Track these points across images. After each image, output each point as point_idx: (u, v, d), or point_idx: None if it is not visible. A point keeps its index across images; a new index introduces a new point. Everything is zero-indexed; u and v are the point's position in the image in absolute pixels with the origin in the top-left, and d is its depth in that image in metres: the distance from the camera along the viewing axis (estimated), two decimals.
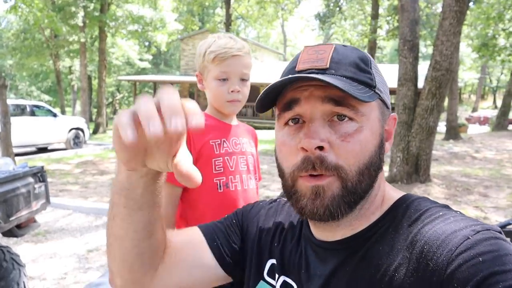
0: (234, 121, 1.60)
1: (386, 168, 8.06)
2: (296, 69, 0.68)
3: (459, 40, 7.19)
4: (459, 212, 0.65)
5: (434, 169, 8.46)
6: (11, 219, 2.56)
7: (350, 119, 0.64)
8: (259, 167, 1.69)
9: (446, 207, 0.67)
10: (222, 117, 1.56)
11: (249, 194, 1.52)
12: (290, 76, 0.64)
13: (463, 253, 0.55)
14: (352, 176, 0.64)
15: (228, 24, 16.70)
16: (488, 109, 37.10)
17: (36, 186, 2.86)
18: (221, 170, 1.47)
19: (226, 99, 1.48)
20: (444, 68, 6.71)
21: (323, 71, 0.65)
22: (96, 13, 20.00)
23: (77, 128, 13.91)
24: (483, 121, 24.17)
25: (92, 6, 19.71)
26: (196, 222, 1.50)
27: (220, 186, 1.47)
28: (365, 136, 0.65)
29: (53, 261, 4.23)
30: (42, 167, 3.00)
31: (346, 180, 0.64)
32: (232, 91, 1.46)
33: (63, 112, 23.74)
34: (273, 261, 0.81)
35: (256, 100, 0.68)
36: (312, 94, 0.65)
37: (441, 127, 16.53)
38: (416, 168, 7.23)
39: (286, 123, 0.69)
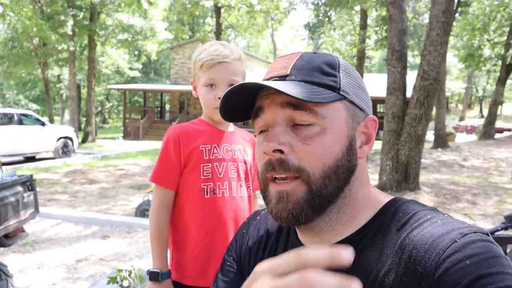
0: (230, 128, 1.60)
1: (376, 177, 8.11)
2: (263, 78, 0.72)
3: (446, 50, 7.31)
4: (447, 215, 0.65)
5: (423, 177, 8.54)
6: None
7: (312, 123, 0.65)
8: (256, 175, 1.67)
9: (435, 210, 0.67)
10: (216, 123, 1.55)
11: (238, 202, 1.52)
12: (247, 84, 0.66)
13: (451, 257, 0.55)
14: (316, 179, 0.64)
15: (218, 33, 16.77)
16: (475, 118, 37.60)
17: (25, 195, 2.83)
18: (209, 176, 1.47)
19: (214, 106, 1.48)
20: (432, 78, 6.81)
21: (283, 78, 0.67)
22: (86, 22, 19.93)
23: (66, 137, 13.79)
24: (470, 130, 24.49)
25: (81, 15, 19.64)
26: (182, 225, 1.51)
27: (207, 192, 1.47)
28: (328, 138, 0.65)
29: (41, 271, 4.16)
30: (31, 175, 2.97)
31: (310, 183, 0.64)
32: (219, 98, 1.45)
33: (51, 121, 23.49)
34: None
35: (219, 109, 0.72)
36: (273, 101, 0.67)
37: (430, 135, 16.71)
38: (405, 176, 7.28)
39: (261, 132, 0.71)
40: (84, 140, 19.97)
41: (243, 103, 0.71)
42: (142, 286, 2.12)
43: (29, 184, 2.90)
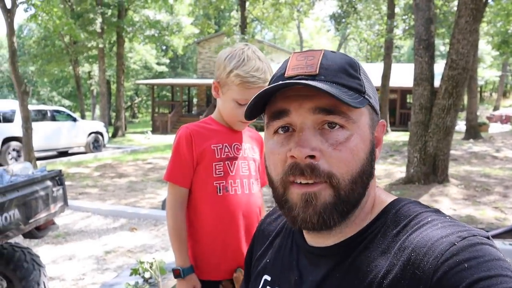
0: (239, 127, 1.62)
1: (403, 169, 7.98)
2: (285, 75, 0.66)
3: (476, 38, 7.08)
4: (449, 217, 0.64)
5: (453, 169, 8.33)
6: (30, 221, 2.65)
7: (341, 126, 0.63)
8: (264, 172, 1.70)
9: (437, 212, 0.66)
10: (227, 124, 1.58)
11: (251, 198, 1.55)
12: (280, 82, 0.63)
13: (449, 260, 0.54)
14: (345, 185, 0.63)
15: (243, 26, 16.78)
16: (510, 107, 36.26)
17: (54, 189, 2.94)
18: (221, 174, 1.51)
19: (240, 120, 1.51)
20: (460, 67, 6.62)
21: (312, 77, 0.64)
22: (114, 19, 20.36)
23: (97, 132, 14.19)
24: (505, 120, 23.65)
25: (109, 12, 20.05)
26: (197, 222, 1.55)
27: (219, 190, 1.50)
28: (356, 143, 0.64)
29: (72, 262, 4.33)
30: (60, 170, 3.08)
31: (339, 189, 0.63)
32: None
33: (82, 117, 24.20)
34: (267, 277, 0.80)
35: (245, 108, 0.68)
36: (302, 105, 0.64)
37: (461, 126, 16.25)
38: (433, 168, 7.13)
39: (276, 132, 0.67)
40: (114, 135, 20.46)
41: (264, 103, 0.68)
42: (163, 277, 2.19)
43: (58, 179, 3.01)
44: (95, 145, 14.13)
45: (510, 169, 8.84)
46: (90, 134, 13.93)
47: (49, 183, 2.92)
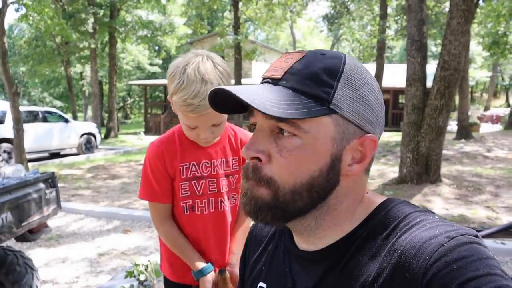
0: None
1: (396, 169, 8.02)
2: (262, 75, 0.68)
3: (467, 39, 7.13)
4: (438, 217, 0.64)
5: (445, 169, 8.39)
6: (23, 224, 2.63)
7: (294, 134, 0.62)
8: None
9: (425, 212, 0.65)
10: None
11: (220, 217, 1.52)
12: (229, 89, 0.61)
13: (438, 262, 0.54)
14: (284, 193, 0.62)
15: (236, 27, 16.74)
16: (500, 107, 36.58)
17: (47, 191, 2.92)
18: (187, 194, 1.48)
19: (195, 139, 1.44)
20: (452, 68, 6.67)
21: (275, 81, 0.64)
22: (106, 19, 20.25)
23: (89, 133, 14.10)
24: (495, 120, 23.87)
25: (101, 12, 19.94)
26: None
27: (186, 209, 1.48)
28: (306, 155, 0.62)
29: (65, 265, 4.30)
30: (53, 173, 3.06)
31: (277, 195, 0.63)
32: (201, 138, 1.40)
33: (75, 118, 24.02)
34: (262, 284, 0.80)
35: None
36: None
37: (453, 126, 16.37)
38: (426, 168, 7.18)
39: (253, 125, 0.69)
40: (106, 136, 20.35)
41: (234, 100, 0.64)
42: (158, 280, 2.18)
43: (51, 181, 2.99)
44: (88, 146, 14.04)
45: (501, 169, 8.92)
46: (82, 135, 13.84)
47: (42, 185, 2.90)
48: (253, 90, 0.61)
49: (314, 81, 0.62)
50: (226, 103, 0.67)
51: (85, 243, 4.94)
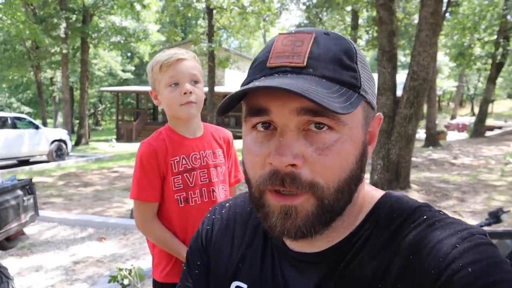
0: (199, 131, 1.63)
1: (367, 176, 8.24)
2: (268, 64, 0.58)
3: (435, 51, 7.45)
4: (442, 212, 0.63)
5: (414, 175, 8.67)
6: (0, 232, 2.61)
7: (330, 128, 0.56)
8: (237, 168, 1.76)
9: (429, 206, 0.64)
10: (184, 130, 1.59)
11: (212, 206, 1.60)
12: (257, 85, 0.54)
13: (452, 264, 0.52)
14: (329, 194, 0.56)
15: (210, 35, 16.83)
16: (466, 116, 37.96)
17: (25, 198, 2.90)
18: (180, 186, 1.54)
19: (179, 103, 1.50)
20: (421, 78, 6.95)
21: (299, 70, 0.56)
22: (78, 25, 19.95)
23: (60, 140, 13.80)
24: (461, 128, 24.72)
25: (74, 17, 19.64)
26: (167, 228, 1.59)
27: (180, 201, 1.54)
28: (345, 147, 0.57)
29: (39, 274, 4.23)
30: (31, 179, 3.04)
31: (322, 198, 0.56)
32: (184, 93, 1.49)
33: (44, 124, 23.43)
34: (239, 283, 0.72)
35: (220, 104, 0.59)
36: (285, 106, 0.55)
37: (421, 134, 16.88)
38: (396, 175, 7.41)
39: (254, 127, 0.60)
40: (77, 143, 19.96)
41: (241, 97, 0.58)
42: (142, 284, 2.21)
43: (28, 188, 2.98)
44: (58, 153, 13.74)
45: (467, 175, 9.28)
46: (53, 142, 13.53)
47: (19, 192, 2.88)
48: (291, 88, 0.51)
49: (340, 66, 0.57)
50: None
51: (59, 251, 4.87)
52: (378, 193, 0.68)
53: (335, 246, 0.63)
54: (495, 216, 2.44)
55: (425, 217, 0.60)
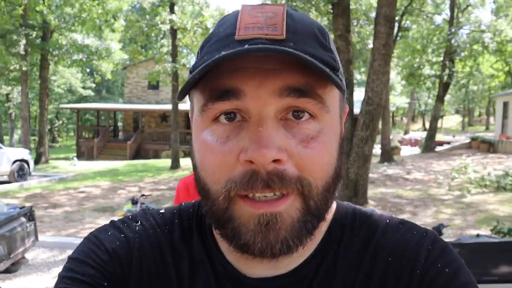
0: None
1: None
2: (236, 37, 0.46)
3: (388, 78, 8.21)
4: (394, 215, 0.64)
5: (371, 191, 9.36)
6: (11, 256, 2.89)
7: (311, 116, 0.47)
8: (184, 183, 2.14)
9: (374, 211, 0.64)
10: None
11: None
12: (237, 49, 0.43)
13: (432, 265, 0.53)
14: (317, 193, 0.48)
15: (174, 55, 17.16)
16: (418, 131, 40.05)
17: (27, 225, 3.19)
18: None
19: None
20: (375, 103, 7.64)
21: (278, 42, 0.45)
22: (38, 41, 19.71)
23: (21, 160, 13.58)
24: (414, 143, 26.10)
25: (34, 34, 19.40)
26: None
27: None
28: (330, 139, 0.49)
29: None
30: (31, 207, 3.33)
31: (309, 199, 0.48)
32: None
33: (0, 141, 22.75)
34: None
35: (181, 88, 0.47)
36: (263, 85, 0.45)
37: (377, 150, 17.87)
38: (355, 192, 8.03)
39: (216, 119, 0.48)
40: (37, 161, 19.50)
41: (200, 76, 0.46)
42: None
43: (29, 214, 3.26)
44: (20, 173, 13.50)
45: (419, 190, 10.09)
46: (14, 162, 13.31)
47: (23, 219, 3.17)
48: (287, 49, 0.44)
49: (318, 44, 0.48)
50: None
51: (41, 274, 5.02)
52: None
53: (305, 261, 0.55)
54: (438, 231, 3.02)
55: (387, 221, 0.58)
